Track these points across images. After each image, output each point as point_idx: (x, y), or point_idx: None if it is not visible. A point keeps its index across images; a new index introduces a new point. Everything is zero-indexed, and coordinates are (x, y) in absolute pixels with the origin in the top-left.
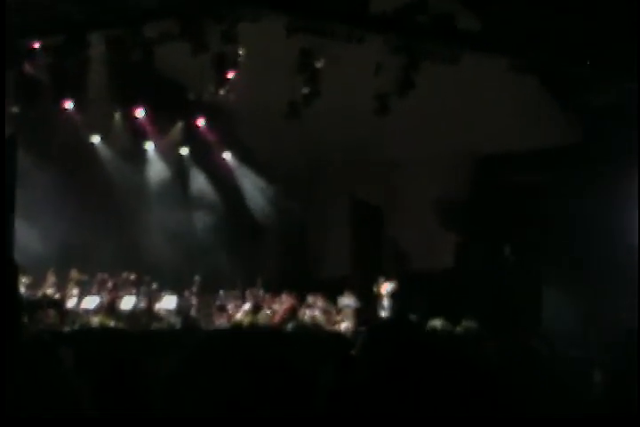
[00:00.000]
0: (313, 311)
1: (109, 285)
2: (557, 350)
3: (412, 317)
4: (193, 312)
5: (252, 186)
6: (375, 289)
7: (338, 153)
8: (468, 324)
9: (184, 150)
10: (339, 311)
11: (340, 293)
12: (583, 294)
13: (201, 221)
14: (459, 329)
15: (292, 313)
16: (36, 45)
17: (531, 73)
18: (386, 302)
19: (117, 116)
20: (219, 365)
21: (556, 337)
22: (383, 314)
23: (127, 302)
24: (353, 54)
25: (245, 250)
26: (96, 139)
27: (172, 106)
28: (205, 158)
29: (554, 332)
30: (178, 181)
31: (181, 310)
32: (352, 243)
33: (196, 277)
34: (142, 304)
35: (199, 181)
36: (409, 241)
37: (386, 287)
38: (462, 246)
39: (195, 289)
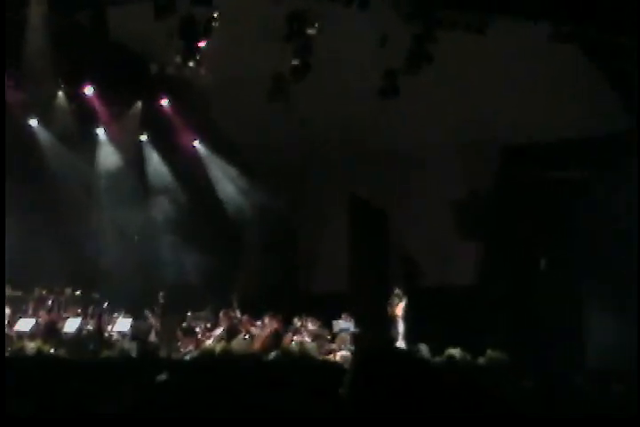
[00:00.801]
0: (302, 337)
1: (49, 303)
2: (603, 386)
3: (423, 346)
4: (152, 337)
5: (227, 181)
6: (388, 310)
7: (334, 142)
8: (493, 354)
9: (143, 136)
10: (334, 337)
11: (337, 314)
12: (632, 315)
13: (164, 223)
14: (482, 361)
15: (276, 339)
16: None
17: (572, 45)
18: (401, 327)
19: (60, 94)
20: (178, 407)
21: (601, 370)
22: (399, 342)
23: (71, 325)
24: (354, 21)
25: (219, 260)
26: (34, 122)
27: (128, 83)
28: (169, 146)
29: (598, 363)
30: (135, 174)
31: (138, 335)
32: (351, 252)
33: (160, 294)
34: (89, 327)
35: (161, 175)
36: (420, 250)
37: (401, 308)
38: (485, 257)
39: (156, 309)
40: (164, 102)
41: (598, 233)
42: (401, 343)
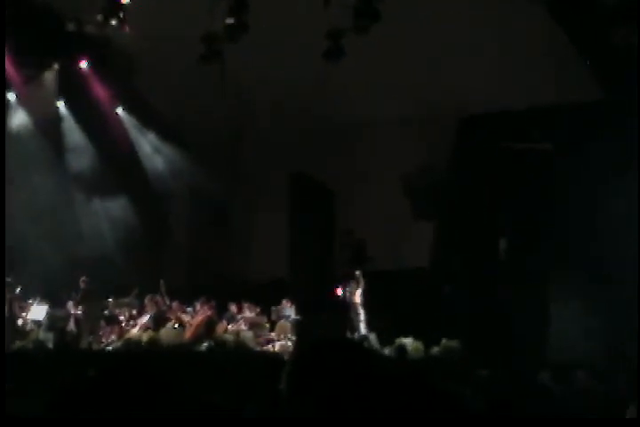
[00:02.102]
0: (237, 326)
1: None
2: (572, 383)
3: (372, 335)
4: (71, 326)
5: (154, 154)
6: (345, 295)
7: (274, 113)
8: (448, 344)
9: (60, 103)
10: (273, 326)
11: (277, 300)
12: (604, 304)
13: (82, 199)
14: (436, 351)
15: (209, 328)
16: None
17: (540, 5)
18: (360, 315)
19: None
20: (98, 405)
21: (570, 363)
22: (356, 331)
23: None
24: None
25: (145, 242)
26: None
27: (43, 42)
28: (89, 114)
29: (565, 356)
30: (50, 145)
31: (54, 324)
32: (293, 234)
33: (82, 279)
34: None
35: (80, 146)
36: (371, 231)
37: (359, 295)
38: (443, 239)
39: (75, 294)
40: (84, 64)
41: (567, 212)
42: (351, 332)
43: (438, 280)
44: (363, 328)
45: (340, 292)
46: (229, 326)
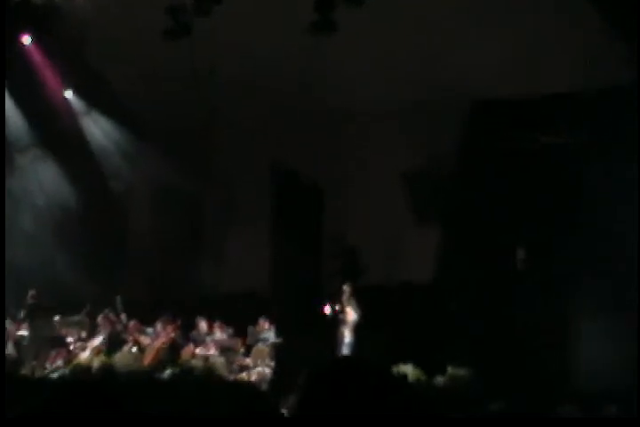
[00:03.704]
0: (206, 349)
1: None
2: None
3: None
4: (10, 349)
5: (108, 144)
6: (337, 312)
7: (251, 97)
8: (455, 372)
9: None
10: (249, 350)
11: (253, 320)
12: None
13: (24, 199)
14: (440, 381)
15: (172, 352)
16: None
17: None
18: (347, 337)
19: None
20: None
21: (593, 392)
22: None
23: None
24: None
25: (98, 249)
26: None
27: None
28: (33, 97)
29: (589, 384)
30: None
31: None
32: (274, 240)
33: (32, 293)
34: None
35: (20, 133)
36: (365, 239)
37: (351, 314)
38: (449, 247)
39: (16, 312)
40: (26, 40)
41: (593, 214)
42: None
43: (443, 296)
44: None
45: (327, 310)
46: (197, 350)
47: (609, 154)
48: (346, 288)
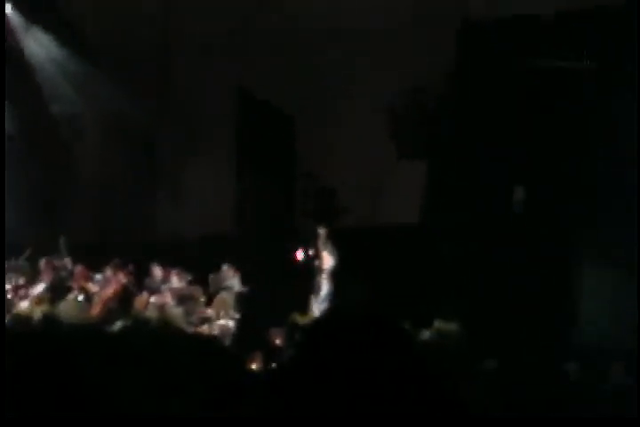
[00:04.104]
0: (163, 299)
1: None
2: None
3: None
4: None
5: (52, 65)
6: (311, 258)
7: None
8: (444, 327)
9: None
10: (210, 299)
11: (215, 266)
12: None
13: None
14: (427, 336)
15: (124, 301)
16: None
17: None
18: (323, 287)
19: None
20: None
21: (597, 348)
22: (319, 306)
23: None
24: None
25: (38, 185)
26: None
27: None
28: None
29: (596, 344)
30: None
31: None
32: (239, 176)
33: None
34: None
35: None
36: (344, 175)
37: (328, 260)
38: (439, 185)
39: None
40: None
41: (604, 153)
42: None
43: (431, 240)
44: (326, 304)
45: (300, 255)
46: (152, 299)
47: (613, 82)
48: (321, 231)
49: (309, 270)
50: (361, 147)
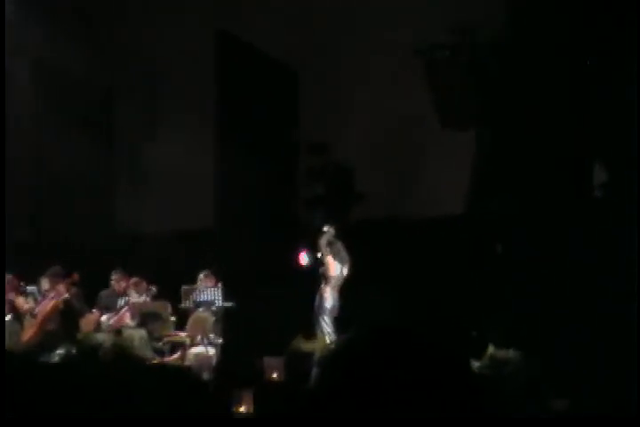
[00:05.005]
0: (119, 318)
1: None
2: None
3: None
4: None
5: None
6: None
7: None
8: (500, 354)
9: None
10: (183, 318)
11: (190, 274)
12: None
13: None
14: (477, 366)
15: (66, 321)
16: None
17: None
18: (329, 294)
19: None
20: None
21: None
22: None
23: None
24: None
25: None
26: None
27: None
28: None
29: None
30: None
31: None
32: (222, 153)
33: None
34: None
35: None
36: (363, 146)
37: (332, 266)
38: (489, 163)
39: None
40: None
41: None
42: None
43: (480, 237)
44: (329, 324)
45: (304, 258)
46: (104, 319)
47: None
48: (327, 229)
49: (316, 279)
50: (386, 111)
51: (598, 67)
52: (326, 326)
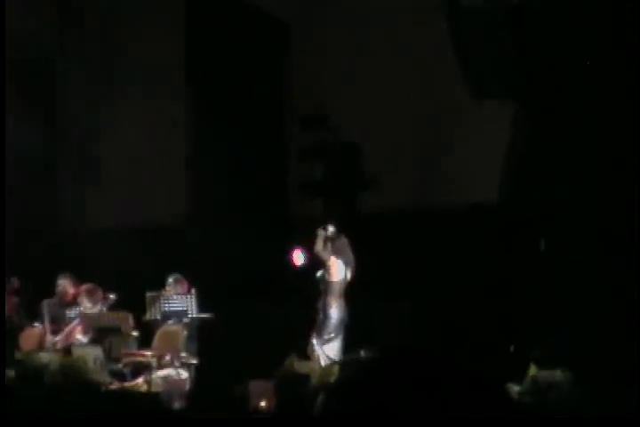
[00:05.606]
0: (69, 333)
1: None
2: None
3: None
4: None
5: None
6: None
7: None
8: (542, 375)
9: None
10: (148, 333)
11: (158, 279)
12: None
13: None
14: (516, 391)
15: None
16: None
17: None
18: (334, 310)
19: None
20: None
21: None
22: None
23: None
24: None
25: None
26: None
27: None
28: None
29: None
30: None
31: None
32: (196, 129)
33: None
34: None
35: None
36: (375, 121)
37: (335, 265)
38: (529, 144)
39: None
40: None
41: None
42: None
43: (519, 232)
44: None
45: (299, 258)
46: (49, 334)
47: None
48: (322, 230)
49: (314, 283)
50: (401, 77)
51: None
52: (328, 344)
